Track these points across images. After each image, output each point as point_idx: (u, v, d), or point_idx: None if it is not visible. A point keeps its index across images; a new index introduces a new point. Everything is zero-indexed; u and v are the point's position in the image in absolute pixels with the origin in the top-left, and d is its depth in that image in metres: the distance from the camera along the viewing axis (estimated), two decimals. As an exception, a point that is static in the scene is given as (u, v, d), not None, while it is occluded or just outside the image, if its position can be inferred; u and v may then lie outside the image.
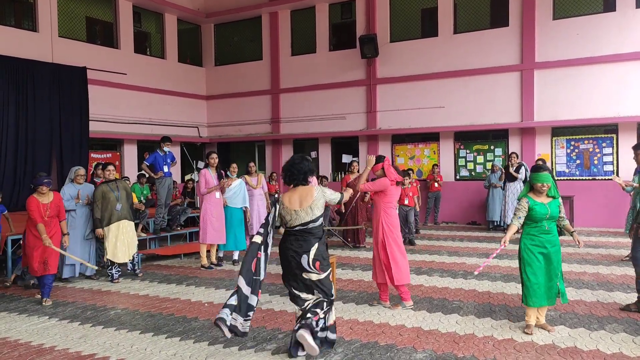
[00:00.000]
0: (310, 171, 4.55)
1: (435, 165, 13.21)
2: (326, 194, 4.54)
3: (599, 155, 12.01)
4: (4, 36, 11.26)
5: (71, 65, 12.23)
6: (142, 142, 14.30)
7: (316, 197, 4.41)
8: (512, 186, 10.86)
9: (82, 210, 7.49)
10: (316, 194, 4.43)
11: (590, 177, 12.07)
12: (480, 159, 13.26)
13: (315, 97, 14.98)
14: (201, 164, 8.88)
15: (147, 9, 14.93)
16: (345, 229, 10.06)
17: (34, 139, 11.45)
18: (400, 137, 14.19)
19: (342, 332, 4.92)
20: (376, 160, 5.79)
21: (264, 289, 6.79)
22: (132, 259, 7.67)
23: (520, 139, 12.69)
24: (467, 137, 13.39)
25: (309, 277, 4.30)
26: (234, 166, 8.79)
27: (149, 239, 10.07)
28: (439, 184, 13.01)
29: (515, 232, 4.86)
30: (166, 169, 9.73)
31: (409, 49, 13.81)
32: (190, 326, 5.27)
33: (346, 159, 12.78)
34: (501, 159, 12.81)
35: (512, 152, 11.34)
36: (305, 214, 4.34)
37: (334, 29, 15.06)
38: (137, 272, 7.82)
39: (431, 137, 13.76)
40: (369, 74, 14.19)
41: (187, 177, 14.52)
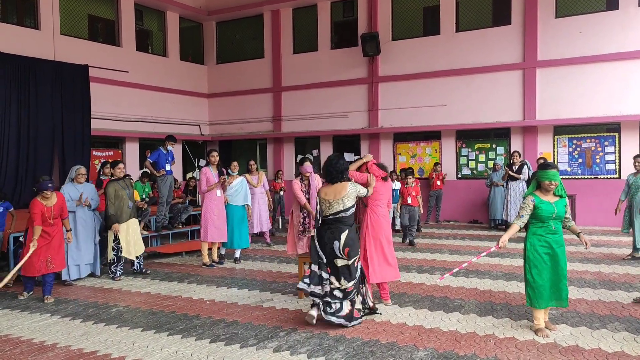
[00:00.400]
0: (345, 169, 5.18)
1: (437, 163, 13.20)
2: (357, 189, 5.17)
3: (601, 154, 11.98)
4: (6, 34, 11.27)
5: (73, 63, 12.23)
6: (143, 140, 14.31)
7: (349, 191, 5.04)
8: (514, 185, 10.85)
9: (82, 211, 7.30)
10: (349, 188, 5.06)
11: (592, 176, 12.05)
12: (482, 158, 13.24)
13: (316, 95, 14.97)
14: (202, 162, 8.88)
15: (149, 7, 14.93)
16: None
17: (36, 136, 11.46)
18: (401, 136, 14.18)
19: (344, 331, 4.93)
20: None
21: (265, 286, 6.82)
22: (139, 257, 7.72)
23: (522, 137, 12.67)
24: (469, 136, 13.37)
25: (339, 262, 4.91)
26: (235, 164, 8.81)
27: (151, 237, 10.08)
28: (442, 181, 13.00)
29: (515, 232, 4.72)
30: (168, 167, 9.78)
31: (410, 47, 13.79)
32: (191, 324, 5.28)
33: (348, 157, 12.76)
34: (503, 157, 12.79)
35: (515, 151, 11.32)
36: (337, 205, 5.00)
37: (336, 27, 15.04)
38: (144, 270, 7.82)
39: (433, 135, 13.74)
40: (371, 72, 14.17)
41: (188, 175, 14.52)
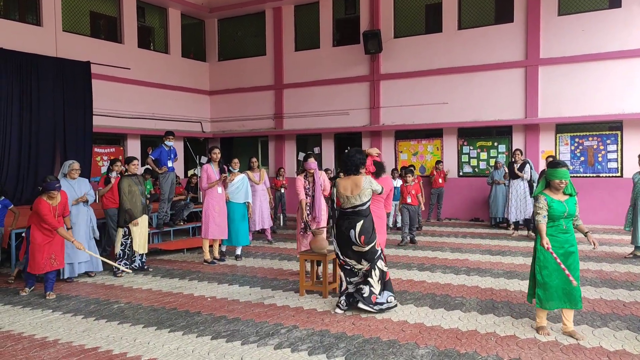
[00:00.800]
0: (361, 164, 5.52)
1: (438, 161, 13.18)
2: (372, 184, 5.46)
3: (603, 152, 11.95)
4: (8, 30, 11.26)
5: (75, 59, 12.22)
6: (145, 137, 14.30)
7: (364, 187, 5.39)
8: (515, 183, 10.81)
9: (76, 208, 7.20)
10: (364, 184, 5.40)
11: (594, 174, 12.02)
12: (483, 156, 13.22)
13: (318, 93, 14.95)
14: (204, 159, 8.89)
15: (151, 4, 14.90)
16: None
17: (38, 133, 11.45)
18: (403, 133, 14.16)
19: (345, 328, 4.94)
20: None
21: (266, 284, 6.83)
22: (142, 254, 7.77)
23: (524, 135, 12.64)
24: (470, 134, 13.34)
25: (356, 249, 5.35)
26: (236, 161, 8.81)
27: (152, 234, 10.08)
28: (443, 179, 12.99)
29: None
30: (170, 164, 9.78)
31: (412, 44, 13.75)
32: (193, 320, 5.28)
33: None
34: (505, 155, 12.77)
35: (516, 149, 11.26)
36: (354, 200, 5.40)
37: (338, 25, 15.01)
38: (145, 267, 7.83)
39: (434, 133, 13.72)
40: (373, 69, 14.14)
41: (190, 173, 14.53)
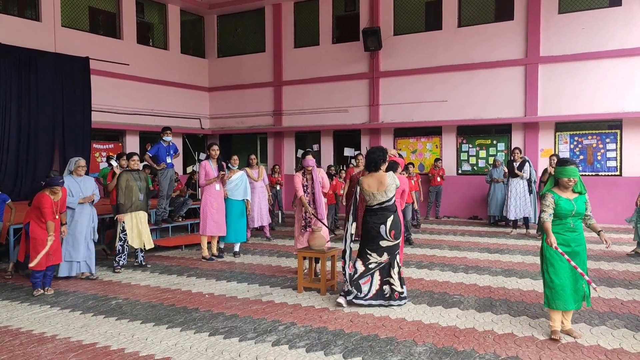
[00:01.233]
0: (380, 160, 5.59)
1: (437, 159, 13.18)
2: (396, 180, 5.55)
3: (603, 150, 11.95)
4: (6, 25, 11.23)
5: (74, 55, 12.20)
6: (144, 133, 14.28)
7: (389, 183, 5.46)
8: (514, 181, 10.80)
9: (79, 207, 7.14)
10: (389, 180, 5.47)
11: (593, 173, 12.02)
12: (482, 154, 13.22)
13: (317, 90, 14.93)
14: (203, 156, 8.87)
15: (150, 0, 14.87)
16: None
17: (36, 128, 11.44)
18: (402, 131, 14.15)
19: (343, 325, 4.94)
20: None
21: (264, 281, 6.83)
22: (143, 250, 7.78)
23: (523, 133, 12.63)
24: (469, 132, 13.34)
25: (384, 244, 5.43)
26: (235, 158, 8.80)
27: (151, 230, 10.05)
28: (441, 178, 12.98)
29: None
30: (168, 160, 9.74)
31: (412, 42, 13.73)
32: (190, 317, 5.28)
33: (348, 152, 12.76)
34: (504, 153, 12.77)
35: (515, 147, 11.25)
36: (381, 196, 5.45)
37: (337, 22, 14.98)
38: (144, 264, 7.84)
39: (434, 131, 13.72)
40: (372, 67, 14.12)
41: (189, 169, 14.51)
